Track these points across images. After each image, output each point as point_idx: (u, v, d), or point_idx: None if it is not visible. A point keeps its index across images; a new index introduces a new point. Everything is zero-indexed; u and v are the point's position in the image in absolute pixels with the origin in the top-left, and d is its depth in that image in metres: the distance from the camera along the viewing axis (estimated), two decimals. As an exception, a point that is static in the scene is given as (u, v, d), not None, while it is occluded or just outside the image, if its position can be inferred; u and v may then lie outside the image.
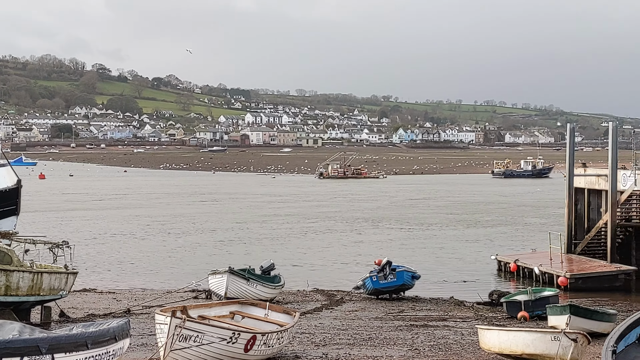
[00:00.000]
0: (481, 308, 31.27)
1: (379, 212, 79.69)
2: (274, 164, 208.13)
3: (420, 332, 23.82)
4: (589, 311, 23.82)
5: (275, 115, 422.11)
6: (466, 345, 21.24)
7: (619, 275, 38.09)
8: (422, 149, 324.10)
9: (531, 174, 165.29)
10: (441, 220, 70.91)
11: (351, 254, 49.45)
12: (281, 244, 54.15)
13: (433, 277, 40.58)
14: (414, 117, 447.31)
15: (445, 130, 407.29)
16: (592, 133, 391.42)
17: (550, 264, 39.27)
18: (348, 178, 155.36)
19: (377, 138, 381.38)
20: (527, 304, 27.91)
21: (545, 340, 17.01)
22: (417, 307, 31.22)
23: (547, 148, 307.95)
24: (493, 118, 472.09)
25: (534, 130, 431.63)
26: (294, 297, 33.07)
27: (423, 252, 50.47)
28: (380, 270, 33.05)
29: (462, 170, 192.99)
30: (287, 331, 18.72)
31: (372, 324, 25.88)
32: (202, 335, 16.09)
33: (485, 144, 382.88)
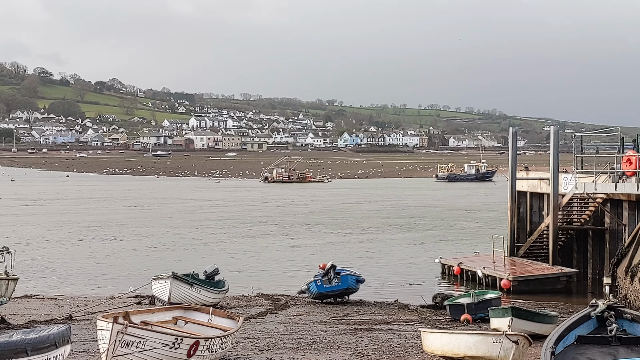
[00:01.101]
0: (425, 311, 31.38)
1: (316, 216, 79.97)
2: (218, 168, 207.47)
3: (365, 336, 23.85)
4: (530, 313, 24.04)
5: (220, 120, 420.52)
6: (409, 348, 21.31)
7: (561, 278, 38.53)
8: (367, 153, 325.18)
9: (475, 178, 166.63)
10: (379, 224, 71.18)
11: (289, 259, 49.43)
12: (217, 249, 53.96)
13: (378, 281, 40.68)
14: (358, 121, 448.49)
15: (390, 134, 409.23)
16: (534, 137, 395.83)
17: (493, 267, 39.59)
18: (293, 182, 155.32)
19: (322, 142, 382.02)
20: (470, 307, 28.09)
21: (487, 343, 17.12)
22: (361, 310, 31.27)
23: (491, 152, 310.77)
24: (437, 122, 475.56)
25: (478, 134, 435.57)
26: (238, 302, 32.91)
27: (364, 256, 50.55)
28: (324, 274, 33.03)
29: (406, 174, 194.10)
30: (230, 336, 18.62)
31: (317, 328, 25.86)
32: (144, 341, 15.94)
33: (429, 148, 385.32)
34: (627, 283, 32.54)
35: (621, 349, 12.42)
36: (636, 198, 37.22)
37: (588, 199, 40.64)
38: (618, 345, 12.56)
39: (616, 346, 12.54)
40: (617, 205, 39.15)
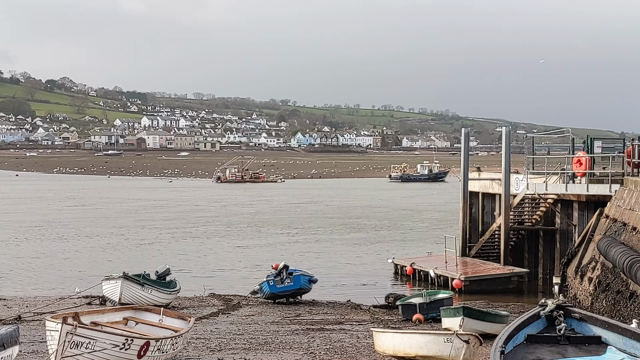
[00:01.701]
0: (377, 311, 31.44)
1: (264, 216, 80.00)
2: (171, 168, 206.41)
3: (317, 336, 23.83)
4: (481, 313, 24.18)
5: (173, 119, 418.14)
6: (361, 348, 21.32)
7: (512, 278, 38.84)
8: (321, 153, 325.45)
9: (428, 178, 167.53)
10: (328, 224, 71.35)
11: (238, 259, 49.36)
12: (164, 249, 53.62)
13: (331, 281, 40.75)
14: (312, 121, 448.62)
15: (343, 134, 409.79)
16: (487, 138, 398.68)
17: (445, 267, 39.80)
18: (246, 182, 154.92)
19: (275, 142, 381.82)
20: (422, 307, 28.19)
21: (438, 342, 17.19)
22: (313, 310, 31.26)
23: (444, 152, 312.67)
24: (390, 122, 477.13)
25: (431, 134, 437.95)
26: (190, 303, 32.73)
27: (314, 256, 50.60)
28: (277, 275, 32.96)
29: (360, 174, 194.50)
30: (181, 337, 18.49)
31: (269, 328, 25.80)
32: (94, 342, 15.78)
33: (382, 148, 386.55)
34: (577, 283, 32.89)
35: (569, 347, 12.53)
36: (586, 199, 37.63)
37: (539, 199, 41.02)
38: (567, 344, 12.66)
39: (565, 345, 12.64)
40: (567, 205, 39.56)
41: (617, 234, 30.59)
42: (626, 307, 25.76)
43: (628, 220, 30.37)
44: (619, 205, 32.47)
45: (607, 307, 27.65)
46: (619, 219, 31.56)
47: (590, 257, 32.72)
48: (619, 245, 28.47)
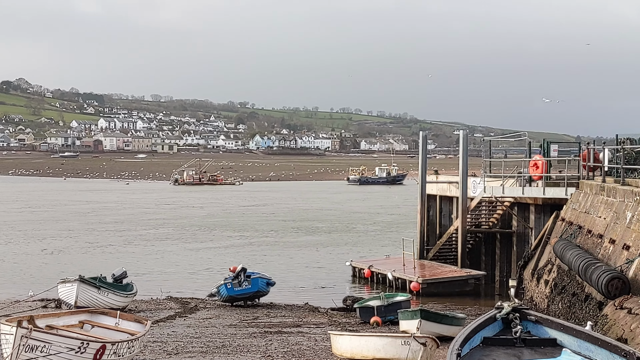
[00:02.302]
0: (335, 314, 31.48)
1: (217, 219, 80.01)
2: (128, 170, 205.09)
3: (274, 339, 23.77)
4: (439, 315, 24.27)
5: (130, 121, 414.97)
6: (319, 351, 21.30)
7: (469, 280, 39.07)
8: (279, 156, 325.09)
9: (386, 181, 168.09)
10: (283, 227, 71.57)
11: (193, 262, 49.21)
12: (116, 252, 53.31)
13: (289, 284, 40.73)
14: (270, 124, 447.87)
15: (302, 137, 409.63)
16: (444, 141, 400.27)
17: (403, 269, 39.91)
18: (204, 184, 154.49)
19: (233, 144, 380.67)
20: (380, 309, 28.25)
21: (396, 345, 17.22)
22: (271, 313, 31.20)
23: (402, 155, 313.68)
24: (349, 125, 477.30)
25: (389, 137, 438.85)
26: (147, 306, 32.51)
27: (269, 259, 50.56)
28: (235, 277, 32.88)
29: (318, 177, 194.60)
30: (138, 340, 18.35)
31: (226, 331, 25.69)
32: (49, 346, 15.63)
33: (341, 151, 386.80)
34: (533, 285, 33.13)
35: (525, 350, 12.62)
36: (542, 202, 37.94)
37: (496, 202, 41.27)
38: (522, 347, 12.76)
39: (520, 347, 12.74)
40: (524, 208, 39.86)
41: (573, 236, 30.87)
42: (581, 309, 25.99)
43: (583, 223, 30.66)
44: (575, 209, 32.77)
45: (563, 310, 27.88)
46: (575, 222, 31.85)
47: (546, 260, 32.98)
48: (575, 248, 28.72)
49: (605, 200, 29.15)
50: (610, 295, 22.82)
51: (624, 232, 25.80)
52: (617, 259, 25.21)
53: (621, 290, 22.67)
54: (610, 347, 12.08)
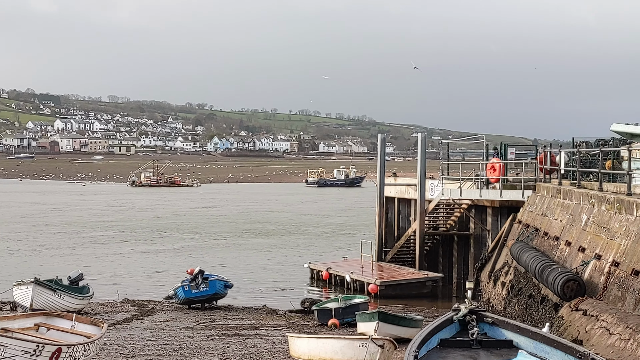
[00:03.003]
0: (293, 316, 31.47)
1: (170, 220, 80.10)
2: (85, 171, 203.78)
3: (232, 342, 23.68)
4: (396, 317, 24.33)
5: (87, 122, 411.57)
6: (277, 354, 21.25)
7: (427, 282, 39.22)
8: (237, 158, 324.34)
9: (344, 183, 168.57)
10: (236, 229, 72.02)
11: (146, 264, 49.17)
12: (65, 255, 52.82)
13: (247, 286, 40.71)
14: (229, 126, 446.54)
15: (260, 139, 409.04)
16: (403, 143, 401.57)
17: (361, 271, 39.98)
18: (161, 186, 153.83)
19: (192, 146, 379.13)
20: (338, 312, 28.24)
21: (353, 347, 17.23)
22: (229, 316, 31.11)
23: (360, 157, 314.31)
24: (308, 127, 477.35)
25: (348, 139, 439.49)
26: (104, 308, 32.25)
27: (229, 261, 50.50)
28: (192, 280, 32.73)
29: (276, 179, 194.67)
30: (94, 343, 18.18)
31: (183, 334, 25.56)
32: (3, 349, 15.43)
33: (300, 153, 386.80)
34: (490, 287, 33.33)
35: (481, 352, 12.68)
36: (500, 204, 38.18)
37: (454, 204, 41.48)
38: (479, 349, 12.81)
39: (477, 349, 12.79)
40: (481, 211, 40.10)
41: (530, 238, 31.10)
42: (538, 311, 26.19)
43: (540, 226, 30.90)
44: (532, 211, 33.03)
45: (520, 311, 28.07)
46: (532, 224, 32.10)
47: (503, 262, 33.19)
48: (531, 250, 28.94)
49: (562, 203, 29.41)
50: (566, 297, 23.01)
51: (579, 235, 26.04)
52: (573, 261, 25.44)
53: (577, 292, 22.87)
54: (566, 349, 12.18)
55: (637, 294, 19.78)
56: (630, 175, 24.81)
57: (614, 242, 22.71)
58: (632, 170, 25.33)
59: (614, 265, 21.97)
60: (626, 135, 33.08)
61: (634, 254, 20.91)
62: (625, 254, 21.56)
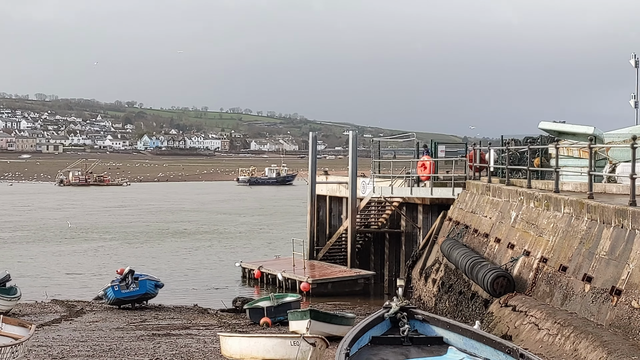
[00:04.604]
0: (225, 315, 31.35)
1: (84, 219, 79.80)
2: (11, 170, 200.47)
3: (163, 342, 23.45)
4: (328, 315, 24.35)
5: (14, 120, 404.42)
6: (208, 353, 21.09)
7: (359, 280, 39.37)
8: (168, 156, 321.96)
9: (276, 181, 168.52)
10: (157, 229, 71.73)
11: (66, 264, 48.72)
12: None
13: (178, 286, 40.50)
14: (159, 124, 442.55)
15: (191, 137, 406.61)
16: (334, 141, 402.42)
17: (293, 270, 39.98)
18: (90, 185, 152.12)
19: (121, 145, 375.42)
20: (270, 310, 28.17)
21: (285, 345, 17.17)
22: (160, 316, 30.85)
23: (292, 156, 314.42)
24: (239, 126, 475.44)
25: (279, 138, 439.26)
26: (32, 309, 31.74)
27: (160, 260, 50.27)
28: (122, 280, 32.40)
29: (208, 177, 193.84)
30: (22, 344, 17.83)
31: (113, 335, 25.24)
32: None
33: (231, 152, 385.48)
34: (421, 284, 33.55)
35: (412, 348, 12.75)
36: (430, 202, 38.49)
37: (385, 202, 41.70)
38: (410, 345, 12.89)
39: (408, 346, 12.86)
40: (412, 208, 40.37)
41: (460, 236, 31.39)
42: (468, 307, 26.44)
43: (470, 223, 31.21)
44: (462, 208, 33.34)
45: (450, 308, 28.31)
46: (462, 221, 32.40)
47: (434, 259, 33.45)
48: (462, 247, 29.21)
49: (491, 200, 29.74)
50: (496, 293, 23.27)
51: (508, 231, 26.35)
52: (502, 257, 25.73)
53: (506, 288, 23.14)
54: (495, 344, 12.30)
55: (564, 290, 20.08)
56: (557, 172, 25.18)
57: (542, 239, 23.03)
58: (559, 168, 25.72)
59: (542, 262, 22.28)
60: (554, 133, 33.56)
61: (562, 250, 21.23)
62: (553, 250, 21.88)
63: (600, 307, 17.84)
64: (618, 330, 16.57)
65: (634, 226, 17.50)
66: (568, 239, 21.12)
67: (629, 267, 17.13)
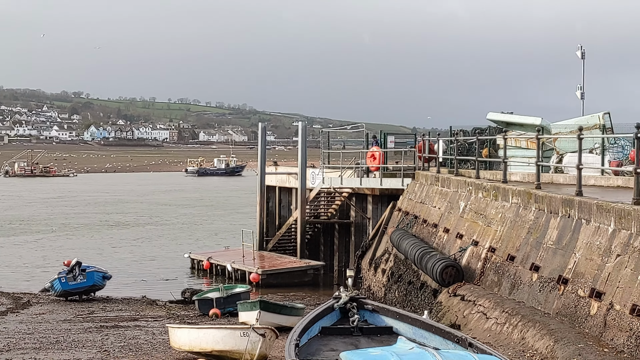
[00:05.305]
0: (174, 306, 31.15)
1: (30, 210, 78.96)
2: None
3: (111, 333, 23.23)
4: (278, 306, 24.29)
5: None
6: (157, 345, 20.94)
7: (308, 271, 39.38)
8: (116, 147, 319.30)
9: (224, 172, 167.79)
10: (97, 220, 71.09)
11: (7, 257, 48.06)
12: None
13: (127, 277, 40.31)
14: (106, 114, 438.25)
15: (139, 128, 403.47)
16: (284, 132, 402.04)
17: (242, 261, 39.86)
18: (36, 176, 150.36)
19: (68, 135, 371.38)
20: (219, 301, 28.05)
21: (235, 337, 17.07)
22: (108, 307, 30.55)
23: (241, 146, 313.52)
24: (187, 116, 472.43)
25: (228, 128, 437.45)
26: (-24, 302, 31.32)
27: (96, 252, 49.81)
28: (69, 271, 32.04)
29: (156, 168, 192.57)
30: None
31: (61, 327, 24.94)
32: None
33: (179, 142, 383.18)
34: (371, 274, 33.66)
35: (362, 338, 12.81)
36: (380, 192, 38.60)
37: (335, 193, 41.73)
38: (359, 335, 12.94)
39: (358, 336, 12.91)
40: (362, 199, 40.46)
41: (409, 226, 31.52)
42: (417, 297, 26.55)
43: (419, 213, 31.34)
44: (411, 199, 33.47)
45: (400, 298, 28.42)
46: (411, 211, 32.53)
47: (383, 249, 33.56)
48: (411, 237, 29.33)
49: (440, 191, 29.89)
50: (445, 282, 23.40)
51: (457, 222, 26.51)
52: (451, 247, 25.89)
53: (455, 278, 23.28)
54: (443, 334, 12.39)
55: (512, 279, 20.25)
56: (505, 163, 25.38)
57: (490, 229, 23.20)
58: (507, 158, 25.92)
59: (490, 251, 22.44)
60: (502, 124, 33.85)
61: (510, 239, 21.40)
62: (501, 240, 22.05)
63: (548, 296, 18.02)
64: (565, 318, 16.74)
65: (581, 216, 17.68)
66: (516, 229, 21.29)
67: (575, 256, 17.31)
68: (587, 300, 16.15)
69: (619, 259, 15.44)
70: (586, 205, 17.48)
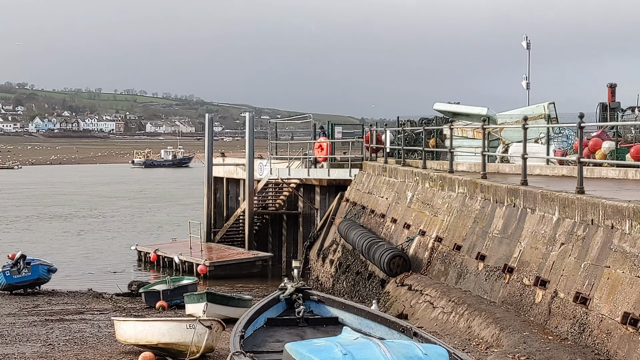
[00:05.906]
0: (120, 299, 30.90)
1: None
2: None
3: (56, 327, 22.97)
4: (225, 298, 24.23)
5: None
6: (103, 338, 20.75)
7: (256, 262, 39.28)
8: (61, 139, 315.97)
9: (172, 164, 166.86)
10: (38, 213, 70.37)
11: None
12: None
13: (73, 270, 39.91)
14: (51, 106, 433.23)
15: (84, 119, 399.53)
16: (232, 123, 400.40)
17: (190, 252, 39.65)
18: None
19: (12, 127, 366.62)
20: (166, 294, 27.89)
21: (181, 329, 16.99)
22: (53, 301, 30.21)
23: (188, 137, 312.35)
24: (134, 107, 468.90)
25: (175, 120, 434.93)
26: None
27: (37, 246, 49.14)
28: (13, 265, 31.64)
29: (102, 160, 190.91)
30: None
31: (4, 321, 24.59)
32: None
33: (126, 134, 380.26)
34: (319, 265, 33.69)
35: (308, 329, 12.79)
36: (327, 183, 38.60)
37: (282, 184, 41.67)
38: (305, 326, 12.93)
39: (303, 327, 12.90)
40: (309, 190, 40.45)
41: (357, 216, 31.59)
42: (365, 287, 26.63)
43: (367, 203, 31.42)
44: (359, 189, 33.55)
45: (348, 288, 28.47)
46: (359, 202, 32.60)
47: (331, 240, 33.60)
48: (359, 227, 29.40)
49: (387, 181, 29.98)
50: (392, 272, 23.49)
51: (405, 212, 26.61)
52: (398, 237, 25.98)
53: (402, 268, 23.39)
54: (389, 324, 12.41)
55: (459, 268, 20.37)
56: (452, 153, 25.52)
57: (437, 219, 23.32)
58: (454, 148, 26.07)
59: (437, 241, 22.56)
60: (448, 114, 34.04)
61: (456, 229, 21.52)
62: (447, 230, 22.17)
63: (493, 284, 18.15)
64: (510, 307, 16.88)
65: (526, 205, 17.83)
66: (462, 219, 21.42)
67: (520, 245, 17.45)
68: (532, 289, 16.30)
69: (563, 247, 15.59)
70: (531, 194, 17.63)
